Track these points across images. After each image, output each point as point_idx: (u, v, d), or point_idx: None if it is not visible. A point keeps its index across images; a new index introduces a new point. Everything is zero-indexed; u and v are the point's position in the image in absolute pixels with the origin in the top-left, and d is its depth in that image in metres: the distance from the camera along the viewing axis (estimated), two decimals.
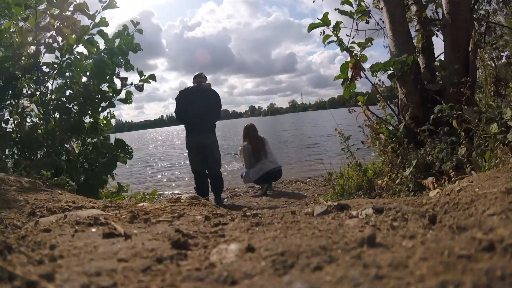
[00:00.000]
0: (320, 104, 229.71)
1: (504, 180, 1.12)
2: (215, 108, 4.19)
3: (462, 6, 3.00)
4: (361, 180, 3.01)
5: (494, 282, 0.42)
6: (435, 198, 1.02)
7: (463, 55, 2.93)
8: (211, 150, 4.12)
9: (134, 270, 0.57)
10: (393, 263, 0.51)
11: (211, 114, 4.14)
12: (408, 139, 2.75)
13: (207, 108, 4.08)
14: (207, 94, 4.16)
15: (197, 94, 4.12)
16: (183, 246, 0.70)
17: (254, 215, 0.99)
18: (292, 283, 0.48)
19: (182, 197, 1.59)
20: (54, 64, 2.93)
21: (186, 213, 1.08)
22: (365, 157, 3.36)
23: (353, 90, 3.17)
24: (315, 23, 3.12)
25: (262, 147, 4.64)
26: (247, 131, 4.81)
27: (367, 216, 0.84)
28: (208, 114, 4.10)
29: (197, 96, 4.11)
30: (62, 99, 2.98)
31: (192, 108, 4.07)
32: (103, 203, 1.45)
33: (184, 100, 4.15)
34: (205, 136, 4.10)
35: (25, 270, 0.54)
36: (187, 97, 4.14)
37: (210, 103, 4.12)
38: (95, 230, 0.84)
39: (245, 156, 4.67)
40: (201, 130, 4.09)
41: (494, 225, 0.62)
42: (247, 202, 4.15)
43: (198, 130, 4.11)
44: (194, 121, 4.09)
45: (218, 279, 0.52)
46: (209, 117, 4.13)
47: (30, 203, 1.30)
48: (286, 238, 0.70)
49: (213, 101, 4.17)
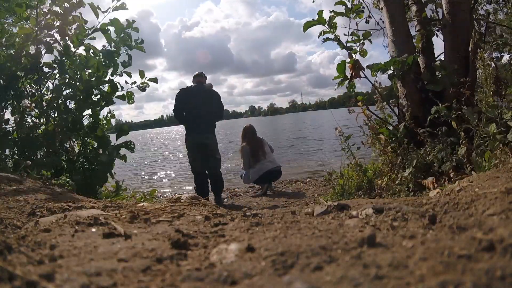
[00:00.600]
0: (320, 104, 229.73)
1: (504, 180, 1.12)
2: (216, 109, 4.18)
3: (462, 6, 3.01)
4: (361, 180, 3.01)
5: (494, 282, 0.42)
6: (435, 198, 1.02)
7: (463, 55, 2.93)
8: (212, 150, 4.10)
9: (134, 270, 0.57)
10: (393, 263, 0.51)
11: (212, 115, 4.12)
12: (408, 139, 2.75)
13: (208, 108, 4.06)
14: (208, 94, 4.14)
15: (199, 94, 4.10)
16: (183, 246, 0.70)
17: (254, 215, 0.99)
18: (292, 283, 0.48)
19: (182, 197, 1.59)
20: (54, 64, 2.93)
21: (186, 213, 1.08)
22: (365, 157, 3.36)
23: (353, 89, 3.17)
24: (310, 21, 3.12)
25: (260, 148, 4.66)
26: (246, 132, 4.84)
27: (367, 216, 0.84)
28: (209, 114, 4.08)
29: (199, 96, 4.09)
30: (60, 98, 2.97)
31: (193, 108, 4.05)
32: (103, 203, 1.45)
33: (184, 99, 4.13)
34: (205, 136, 4.08)
35: (25, 270, 0.54)
36: (188, 97, 4.12)
37: (211, 104, 4.10)
38: (95, 230, 0.84)
39: (244, 156, 4.68)
40: (201, 130, 4.07)
41: (494, 225, 0.62)
42: (247, 202, 4.15)
43: (199, 130, 4.08)
44: (195, 121, 4.06)
45: (218, 279, 0.52)
46: (210, 117, 4.11)
47: (30, 203, 1.30)
48: (286, 238, 0.70)
49: (215, 102, 4.16)
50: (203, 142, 4.08)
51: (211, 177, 4.15)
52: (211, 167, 4.12)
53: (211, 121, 4.15)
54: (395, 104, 3.21)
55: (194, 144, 4.11)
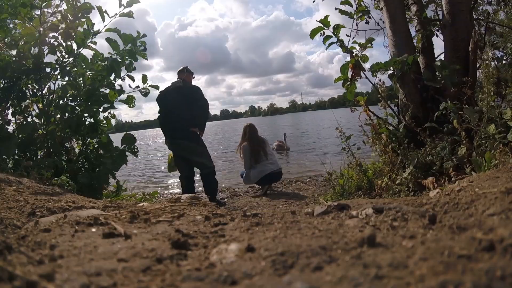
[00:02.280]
0: (320, 104, 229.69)
1: (504, 180, 1.12)
2: (196, 108, 3.81)
3: (462, 6, 3.01)
4: (361, 180, 3.01)
5: (494, 282, 0.42)
6: (435, 198, 1.02)
7: (463, 55, 2.93)
8: (192, 153, 3.83)
9: (134, 270, 0.57)
10: (393, 263, 0.51)
11: (189, 115, 3.77)
12: (408, 139, 2.75)
13: (183, 109, 3.75)
14: (185, 92, 3.83)
15: (174, 94, 3.84)
16: (183, 246, 0.70)
17: (254, 215, 0.99)
18: (292, 283, 0.48)
19: (182, 197, 1.59)
20: (57, 64, 2.94)
21: (186, 213, 1.08)
22: (365, 158, 3.36)
23: (353, 90, 3.17)
24: (316, 28, 3.11)
25: (262, 148, 4.51)
26: (246, 130, 4.64)
27: (367, 216, 0.84)
28: (184, 116, 3.76)
29: (174, 96, 3.83)
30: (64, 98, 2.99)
31: (168, 112, 3.84)
32: (103, 203, 1.45)
33: (160, 102, 3.91)
34: (178, 141, 3.81)
35: (25, 270, 0.54)
36: (163, 100, 3.89)
37: (188, 103, 3.78)
38: (95, 230, 0.84)
39: (244, 156, 4.53)
40: (176, 135, 3.80)
41: (494, 225, 0.62)
42: (247, 202, 4.15)
43: (173, 134, 3.83)
44: (169, 125, 3.82)
45: (218, 279, 0.52)
46: (185, 118, 3.76)
47: (30, 203, 1.30)
48: (286, 238, 0.70)
49: (193, 100, 3.82)
50: (179, 146, 3.83)
51: (202, 180, 3.98)
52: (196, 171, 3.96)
53: (187, 123, 3.77)
54: (396, 104, 3.21)
55: (172, 149, 3.93)
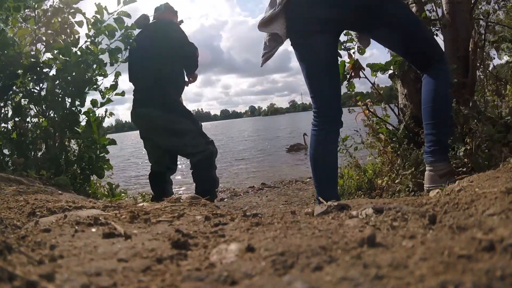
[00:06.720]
0: None
1: (504, 180, 1.12)
2: (174, 53, 2.48)
3: (462, 6, 3.00)
4: (361, 180, 3.01)
5: (494, 282, 0.42)
6: (435, 198, 1.02)
7: (463, 55, 2.93)
8: (164, 128, 2.46)
9: (134, 270, 0.57)
10: (393, 263, 0.51)
11: (164, 66, 2.48)
12: (408, 139, 2.75)
13: (155, 61, 2.47)
14: (158, 35, 2.53)
15: (144, 42, 2.54)
16: (183, 246, 0.70)
17: (254, 215, 0.99)
18: (292, 283, 0.48)
19: (182, 197, 1.59)
20: (52, 63, 2.93)
21: (186, 213, 1.08)
22: (365, 158, 3.36)
23: (352, 89, 3.17)
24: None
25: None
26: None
27: (367, 216, 0.84)
28: (157, 72, 2.46)
29: (144, 46, 2.51)
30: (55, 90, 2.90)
31: (136, 70, 2.56)
32: (103, 203, 1.45)
33: (130, 60, 2.59)
34: (148, 109, 2.47)
35: (25, 270, 0.54)
36: (133, 54, 2.57)
37: (163, 52, 2.49)
38: (95, 230, 0.84)
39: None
40: (142, 102, 2.51)
41: (494, 225, 0.62)
42: (247, 202, 4.15)
43: (139, 102, 2.54)
44: (137, 88, 2.55)
45: (218, 279, 0.52)
46: (161, 72, 2.47)
47: (30, 203, 1.30)
48: (286, 238, 0.70)
49: (168, 46, 2.50)
50: (145, 120, 2.50)
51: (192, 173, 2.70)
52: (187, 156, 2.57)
53: (164, 83, 2.46)
54: (396, 104, 3.21)
55: (137, 126, 2.59)
